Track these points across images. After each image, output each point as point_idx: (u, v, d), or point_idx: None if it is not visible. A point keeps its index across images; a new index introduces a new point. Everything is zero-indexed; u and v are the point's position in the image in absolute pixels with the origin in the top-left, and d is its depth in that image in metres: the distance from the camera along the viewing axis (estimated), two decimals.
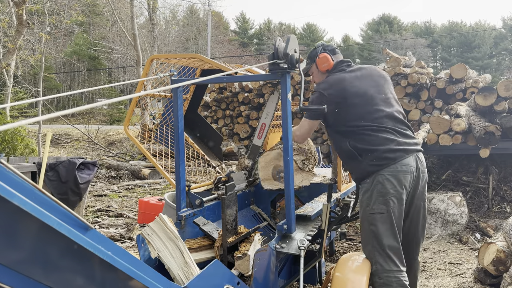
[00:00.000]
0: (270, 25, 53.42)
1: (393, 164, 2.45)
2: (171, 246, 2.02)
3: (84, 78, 40.64)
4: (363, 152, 2.51)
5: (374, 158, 2.47)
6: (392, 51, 10.07)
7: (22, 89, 15.38)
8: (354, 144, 2.53)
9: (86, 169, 5.65)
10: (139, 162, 10.77)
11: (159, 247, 2.02)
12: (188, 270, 1.96)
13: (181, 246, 2.02)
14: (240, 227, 2.53)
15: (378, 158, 2.47)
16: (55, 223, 1.06)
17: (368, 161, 2.49)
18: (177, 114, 2.76)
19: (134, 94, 1.59)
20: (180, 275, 1.93)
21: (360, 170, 2.56)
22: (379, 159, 2.47)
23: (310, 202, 3.00)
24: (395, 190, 2.44)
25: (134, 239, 4.98)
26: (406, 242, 2.60)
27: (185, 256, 2.00)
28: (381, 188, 2.45)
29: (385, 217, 2.44)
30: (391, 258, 2.45)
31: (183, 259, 1.99)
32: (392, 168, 2.45)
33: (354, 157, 2.54)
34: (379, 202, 2.45)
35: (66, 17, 16.83)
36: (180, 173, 2.80)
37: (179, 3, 66.08)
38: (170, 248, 2.02)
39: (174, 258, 1.99)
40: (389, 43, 39.60)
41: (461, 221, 5.29)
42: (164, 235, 2.05)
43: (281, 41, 2.38)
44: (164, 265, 1.99)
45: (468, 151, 5.94)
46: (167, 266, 1.97)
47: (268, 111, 3.51)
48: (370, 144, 2.50)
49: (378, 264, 2.47)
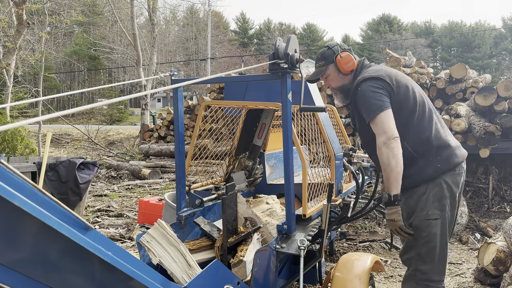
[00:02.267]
0: (270, 25, 53.45)
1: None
2: (172, 251, 2.00)
3: (84, 78, 40.67)
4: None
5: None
6: (392, 51, 10.07)
7: (22, 89, 15.38)
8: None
9: (86, 169, 5.64)
10: (139, 162, 10.78)
11: (160, 253, 1.99)
12: (192, 272, 1.95)
13: (183, 250, 2.01)
14: (240, 227, 2.53)
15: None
16: (56, 223, 1.06)
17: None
18: (177, 114, 2.76)
19: (134, 95, 1.59)
20: (185, 278, 1.92)
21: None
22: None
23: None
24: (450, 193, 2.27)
25: (134, 239, 4.98)
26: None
27: (188, 259, 1.99)
28: (438, 191, 2.25)
29: (440, 222, 2.25)
30: (437, 269, 2.29)
31: (186, 262, 1.98)
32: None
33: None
34: (435, 208, 2.24)
35: (66, 17, 16.82)
36: (180, 173, 2.80)
37: (179, 3, 66.10)
38: (172, 253, 2.00)
39: (176, 263, 1.97)
40: (389, 43, 39.60)
41: (461, 221, 5.29)
42: (164, 241, 2.03)
43: (281, 41, 2.38)
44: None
45: (468, 151, 5.92)
46: (170, 272, 1.95)
47: (268, 111, 3.51)
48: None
49: (419, 271, 2.27)
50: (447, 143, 2.32)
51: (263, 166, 3.48)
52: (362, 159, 3.55)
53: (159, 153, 11.04)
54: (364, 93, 2.26)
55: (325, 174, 3.00)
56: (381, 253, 4.68)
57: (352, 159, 3.26)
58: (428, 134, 2.30)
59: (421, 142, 2.29)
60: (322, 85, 8.28)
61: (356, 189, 3.37)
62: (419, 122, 2.31)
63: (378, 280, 3.90)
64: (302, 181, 2.62)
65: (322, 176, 2.95)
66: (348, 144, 3.86)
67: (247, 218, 2.45)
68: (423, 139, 2.29)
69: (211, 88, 10.75)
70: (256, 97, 3.43)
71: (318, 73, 2.50)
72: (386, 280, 3.92)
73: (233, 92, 3.70)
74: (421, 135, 2.30)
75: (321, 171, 2.97)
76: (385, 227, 5.41)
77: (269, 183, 3.46)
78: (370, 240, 4.97)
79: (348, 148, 3.44)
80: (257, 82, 3.51)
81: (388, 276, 4.00)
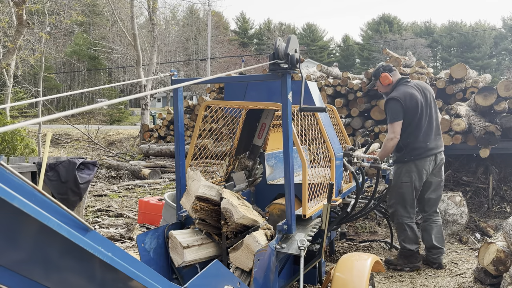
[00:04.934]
0: (270, 25, 53.46)
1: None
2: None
3: (84, 78, 40.67)
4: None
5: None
6: (392, 51, 10.07)
7: (22, 89, 15.37)
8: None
9: (86, 169, 5.64)
10: (139, 162, 10.77)
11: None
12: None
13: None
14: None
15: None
16: (55, 224, 1.06)
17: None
18: (177, 114, 2.76)
19: (134, 95, 1.59)
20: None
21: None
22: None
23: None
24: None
25: (134, 239, 4.98)
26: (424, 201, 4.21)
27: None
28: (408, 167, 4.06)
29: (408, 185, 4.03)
30: (406, 208, 4.08)
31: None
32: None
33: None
34: (405, 176, 4.04)
35: (66, 17, 16.81)
36: (180, 173, 2.80)
37: (179, 3, 66.08)
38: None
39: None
40: (389, 43, 39.61)
41: (461, 221, 5.29)
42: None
43: (282, 41, 2.38)
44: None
45: (468, 151, 5.94)
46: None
47: (268, 111, 3.51)
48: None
49: (397, 210, 4.11)
50: (421, 145, 3.99)
51: (263, 166, 3.48)
52: (362, 159, 3.57)
53: (159, 153, 11.03)
54: (387, 106, 3.99)
55: (325, 174, 2.99)
56: (381, 253, 4.68)
57: (352, 159, 3.28)
58: (412, 138, 3.99)
59: (405, 142, 3.99)
60: (322, 86, 8.28)
61: (356, 189, 3.37)
62: (407, 130, 3.96)
63: (378, 280, 3.90)
64: (302, 181, 2.61)
65: (322, 176, 2.94)
66: (348, 144, 3.86)
67: (200, 198, 2.47)
68: (407, 140, 3.99)
69: (211, 88, 10.74)
70: (256, 97, 3.42)
71: (372, 85, 4.30)
72: (386, 280, 3.92)
73: (233, 92, 3.69)
74: (406, 138, 3.98)
75: (321, 171, 2.97)
76: (385, 227, 5.41)
77: (269, 183, 3.46)
78: (370, 240, 4.97)
79: (348, 148, 3.45)
80: (257, 82, 3.51)
81: (388, 276, 4.00)
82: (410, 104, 3.89)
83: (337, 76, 8.76)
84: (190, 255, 2.44)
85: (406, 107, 3.88)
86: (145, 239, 2.48)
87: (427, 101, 4.02)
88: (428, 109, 4.02)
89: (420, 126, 3.97)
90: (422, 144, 3.98)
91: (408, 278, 3.97)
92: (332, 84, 8.20)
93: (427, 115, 4.00)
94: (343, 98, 8.01)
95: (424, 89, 4.07)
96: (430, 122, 4.02)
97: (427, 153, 4.00)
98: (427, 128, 4.00)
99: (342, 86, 8.04)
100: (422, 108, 3.95)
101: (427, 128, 4.00)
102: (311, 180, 2.73)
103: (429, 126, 4.01)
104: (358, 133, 7.90)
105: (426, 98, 4.02)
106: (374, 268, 2.75)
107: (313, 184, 2.76)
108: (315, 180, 2.81)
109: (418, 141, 3.97)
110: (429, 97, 4.06)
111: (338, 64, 10.26)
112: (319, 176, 2.92)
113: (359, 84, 7.88)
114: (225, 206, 2.47)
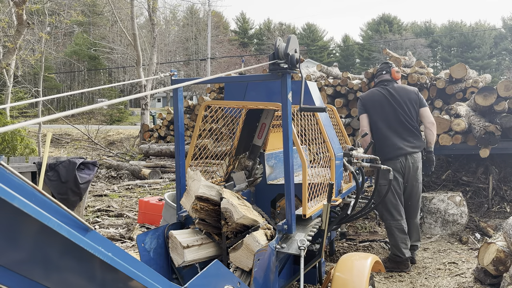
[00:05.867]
0: (270, 25, 53.45)
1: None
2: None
3: (84, 78, 40.67)
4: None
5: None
6: (392, 51, 10.07)
7: (22, 89, 15.38)
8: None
9: (86, 169, 5.64)
10: (139, 162, 10.77)
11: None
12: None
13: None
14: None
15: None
16: (55, 224, 1.06)
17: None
18: (177, 114, 2.76)
19: (134, 95, 1.59)
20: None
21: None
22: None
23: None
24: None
25: (134, 239, 4.98)
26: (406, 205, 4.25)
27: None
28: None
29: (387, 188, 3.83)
30: (390, 211, 4.15)
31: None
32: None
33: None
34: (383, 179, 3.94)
35: (66, 17, 16.81)
36: (180, 173, 2.80)
37: (179, 3, 66.07)
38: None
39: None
40: (389, 43, 39.61)
41: (461, 221, 5.29)
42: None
43: (282, 41, 2.37)
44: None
45: (468, 151, 5.93)
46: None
47: (268, 111, 3.51)
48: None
49: (383, 214, 4.23)
50: (388, 144, 4.12)
51: (263, 166, 3.48)
52: (362, 159, 3.57)
53: (159, 153, 11.03)
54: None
55: (325, 174, 2.99)
56: (381, 253, 4.68)
57: (352, 159, 3.28)
58: (376, 137, 4.17)
59: (374, 140, 4.09)
60: (322, 86, 8.28)
61: (356, 189, 3.37)
62: (372, 128, 4.23)
63: (378, 280, 3.90)
64: (302, 181, 2.61)
65: (322, 176, 2.94)
66: (348, 144, 3.86)
67: (200, 197, 2.47)
68: (373, 138, 4.15)
69: (211, 88, 10.74)
70: (256, 97, 3.42)
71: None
72: (386, 280, 3.92)
73: (233, 92, 3.69)
74: (373, 137, 4.18)
75: (321, 171, 2.97)
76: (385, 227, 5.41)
77: (269, 183, 3.46)
78: (370, 240, 4.97)
79: (348, 148, 3.45)
80: (257, 82, 3.51)
81: (388, 276, 4.00)
82: (371, 103, 4.19)
83: (337, 76, 8.76)
84: (190, 255, 2.44)
85: (367, 105, 4.22)
86: (145, 239, 2.48)
87: (399, 103, 4.14)
88: (399, 110, 4.13)
89: (386, 126, 4.13)
90: (388, 142, 4.11)
91: (408, 278, 3.98)
92: (332, 84, 8.20)
93: (396, 115, 4.13)
94: (343, 98, 8.01)
95: (399, 91, 4.19)
96: (401, 123, 4.13)
97: (395, 153, 4.10)
98: (397, 128, 4.12)
99: (342, 86, 8.04)
100: (387, 108, 4.15)
101: (397, 129, 4.12)
102: (311, 180, 2.73)
103: (400, 127, 4.13)
104: (358, 133, 7.90)
105: (398, 100, 4.14)
106: (374, 268, 2.75)
107: (313, 184, 2.76)
108: (315, 180, 2.81)
109: (385, 140, 4.13)
110: (404, 99, 4.15)
111: (338, 64, 10.26)
112: (319, 176, 2.92)
113: (359, 84, 7.88)
114: (225, 206, 2.47)
